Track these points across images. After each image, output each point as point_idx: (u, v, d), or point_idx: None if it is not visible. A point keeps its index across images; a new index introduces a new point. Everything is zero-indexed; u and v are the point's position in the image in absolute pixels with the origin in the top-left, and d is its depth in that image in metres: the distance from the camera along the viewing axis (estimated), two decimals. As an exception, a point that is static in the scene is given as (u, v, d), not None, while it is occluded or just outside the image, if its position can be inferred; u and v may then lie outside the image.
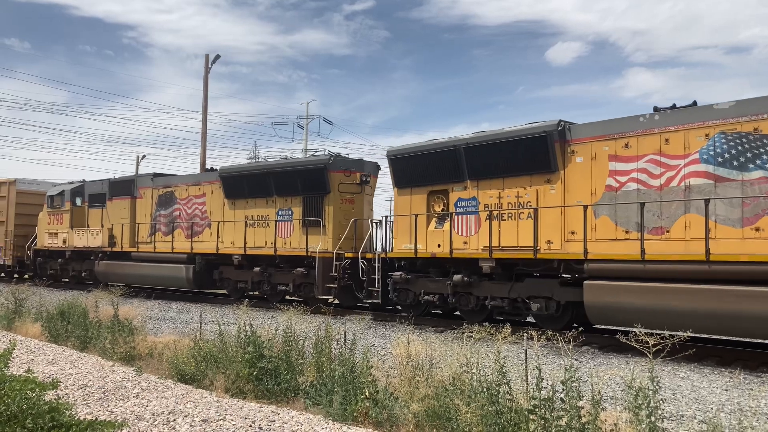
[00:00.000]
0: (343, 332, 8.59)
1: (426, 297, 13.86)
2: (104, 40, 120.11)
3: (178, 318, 15.76)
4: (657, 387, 5.11)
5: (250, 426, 6.50)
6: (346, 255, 15.66)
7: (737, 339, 11.34)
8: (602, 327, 12.44)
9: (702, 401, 7.49)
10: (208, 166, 24.41)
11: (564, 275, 11.97)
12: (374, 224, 16.21)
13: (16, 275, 26.82)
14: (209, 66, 30.13)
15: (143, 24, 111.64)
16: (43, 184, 27.71)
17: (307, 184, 16.80)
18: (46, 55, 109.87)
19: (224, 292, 19.78)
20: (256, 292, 18.33)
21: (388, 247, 15.34)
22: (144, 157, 49.32)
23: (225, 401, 7.55)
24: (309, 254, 16.19)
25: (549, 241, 12.16)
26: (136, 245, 21.79)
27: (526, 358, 6.53)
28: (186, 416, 6.86)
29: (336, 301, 16.45)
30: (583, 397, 5.21)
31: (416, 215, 14.20)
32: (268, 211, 17.84)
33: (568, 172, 12.07)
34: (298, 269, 16.51)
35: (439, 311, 14.79)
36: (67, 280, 24.83)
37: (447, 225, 13.81)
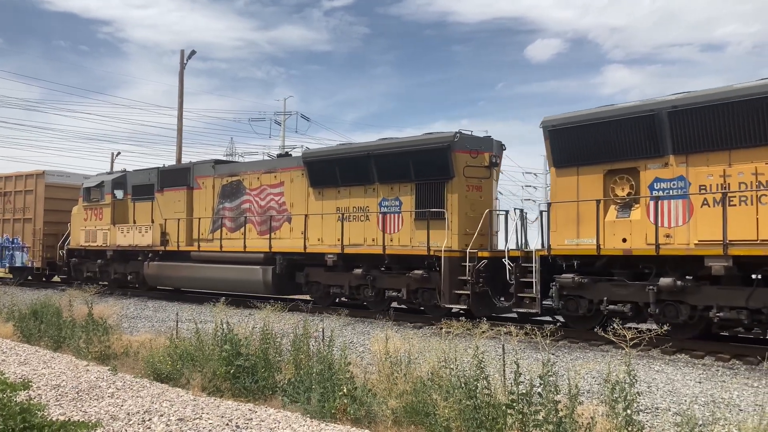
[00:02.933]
0: (321, 329, 8.57)
1: (611, 306, 10.88)
2: (79, 35, 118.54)
3: (154, 316, 15.59)
4: (633, 380, 5.16)
5: (227, 424, 6.45)
6: (480, 254, 12.89)
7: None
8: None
9: (676, 394, 7.59)
10: (275, 152, 19.67)
11: None
12: (516, 215, 13.63)
13: (44, 279, 25.07)
14: (185, 62, 29.84)
15: (119, 19, 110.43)
16: (73, 176, 25.40)
17: (422, 168, 13.94)
18: (19, 50, 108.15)
19: (307, 297, 16.84)
20: (348, 299, 15.65)
21: (530, 244, 12.77)
22: (119, 154, 48.79)
23: (201, 400, 7.49)
24: (432, 253, 13.41)
25: None
26: (193, 243, 18.89)
27: (503, 353, 6.57)
28: (162, 415, 6.78)
29: (461, 309, 13.54)
30: (560, 391, 5.24)
31: (598, 201, 11.13)
32: (368, 201, 14.94)
33: None
34: (416, 272, 13.59)
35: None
36: (106, 283, 21.43)
37: (637, 213, 10.95)
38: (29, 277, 25.13)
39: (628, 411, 5.06)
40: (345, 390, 6.63)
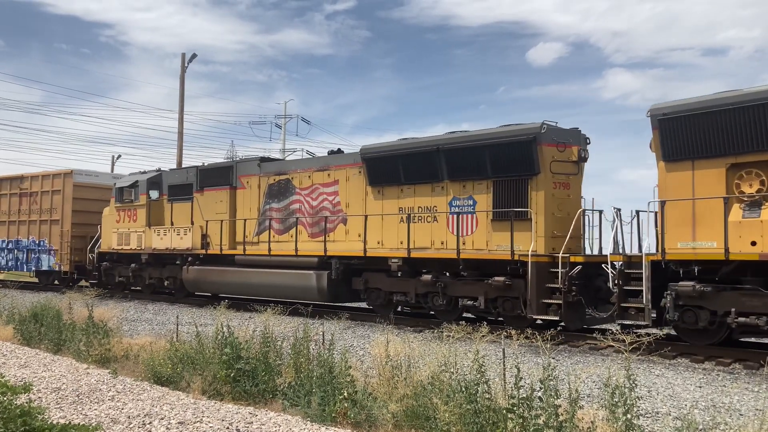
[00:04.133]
0: (321, 333, 8.57)
1: (741, 318, 9.57)
2: (81, 38, 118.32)
3: (155, 319, 15.59)
4: (633, 385, 5.16)
5: (228, 428, 6.45)
6: (573, 259, 11.54)
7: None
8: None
9: (677, 398, 7.59)
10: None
11: None
12: (613, 215, 12.09)
13: (71, 284, 23.23)
14: (186, 65, 29.91)
15: (121, 22, 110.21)
16: (102, 175, 24.43)
17: (502, 163, 12.60)
18: (20, 53, 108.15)
19: (364, 305, 15.94)
20: (412, 308, 14.39)
21: (630, 247, 11.61)
22: (119, 156, 48.79)
23: (202, 403, 7.48)
24: (517, 258, 11.94)
25: None
26: (236, 246, 17.74)
27: (503, 357, 6.57)
28: (162, 419, 6.78)
29: (549, 320, 11.91)
30: (560, 395, 5.24)
31: (725, 198, 9.80)
32: (436, 200, 13.69)
33: None
34: (497, 278, 12.19)
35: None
36: (139, 288, 20.96)
37: None
38: (56, 282, 24.00)
39: (628, 415, 5.06)
40: (345, 394, 6.63)
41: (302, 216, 16.39)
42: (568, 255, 11.51)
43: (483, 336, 6.36)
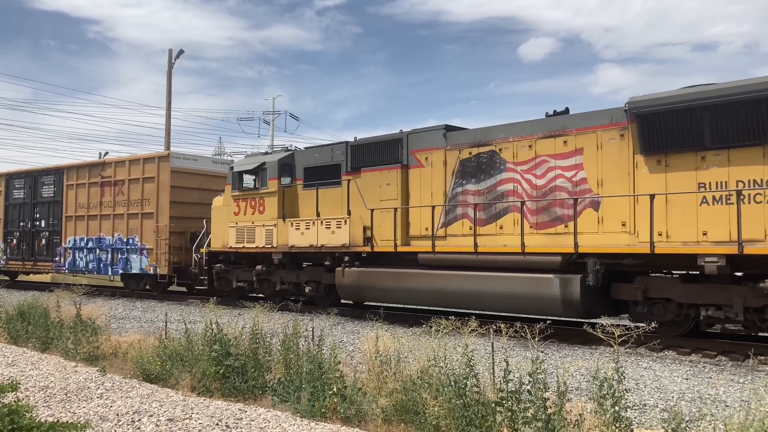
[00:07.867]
0: (311, 329, 8.57)
1: None
2: (69, 35, 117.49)
3: (143, 317, 15.52)
4: (621, 377, 5.20)
5: (217, 424, 6.44)
6: None
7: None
8: (567, 318, 12.61)
9: (664, 390, 7.66)
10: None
11: None
12: None
13: (165, 289, 20.02)
14: (173, 61, 29.77)
15: (109, 18, 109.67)
16: (201, 159, 20.98)
17: None
18: (6, 50, 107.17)
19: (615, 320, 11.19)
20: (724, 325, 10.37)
21: None
22: (107, 153, 48.37)
23: (191, 400, 7.47)
24: None
25: None
26: (409, 242, 14.05)
27: (492, 351, 6.60)
28: (151, 416, 6.77)
29: None
30: (549, 388, 5.28)
31: None
32: None
33: None
34: None
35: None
36: (263, 296, 16.89)
37: None
38: (147, 287, 20.27)
39: (616, 407, 5.10)
40: (335, 389, 6.65)
41: (516, 199, 12.42)
42: None
43: (472, 330, 6.39)
